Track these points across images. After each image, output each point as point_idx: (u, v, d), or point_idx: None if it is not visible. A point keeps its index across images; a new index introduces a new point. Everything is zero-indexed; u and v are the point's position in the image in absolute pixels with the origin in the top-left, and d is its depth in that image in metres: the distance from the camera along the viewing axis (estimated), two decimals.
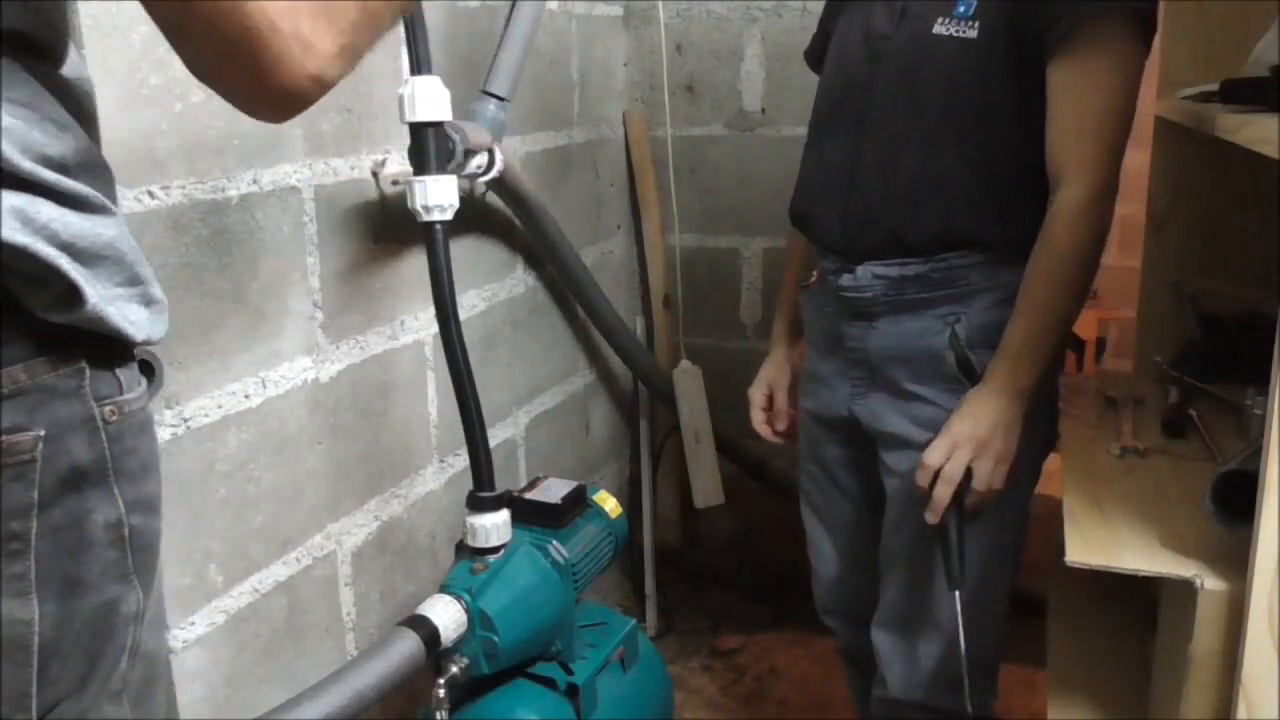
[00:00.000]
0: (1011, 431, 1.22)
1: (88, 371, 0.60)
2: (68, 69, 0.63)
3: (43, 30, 0.60)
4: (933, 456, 1.22)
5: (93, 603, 0.61)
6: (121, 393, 0.63)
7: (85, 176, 0.60)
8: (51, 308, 0.58)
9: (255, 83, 0.58)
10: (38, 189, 0.56)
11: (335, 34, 0.59)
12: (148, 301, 0.64)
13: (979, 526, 1.32)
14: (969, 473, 1.22)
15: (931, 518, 1.24)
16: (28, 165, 0.56)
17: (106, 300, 0.60)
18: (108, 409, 0.61)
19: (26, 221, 0.55)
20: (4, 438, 0.55)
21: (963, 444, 1.21)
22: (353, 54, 0.62)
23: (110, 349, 0.62)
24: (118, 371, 0.63)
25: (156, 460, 0.66)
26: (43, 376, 0.57)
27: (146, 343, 0.64)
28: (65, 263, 0.57)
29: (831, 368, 1.41)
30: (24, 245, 0.55)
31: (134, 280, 0.62)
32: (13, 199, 0.55)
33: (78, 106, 0.63)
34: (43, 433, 0.57)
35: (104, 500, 0.61)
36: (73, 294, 0.58)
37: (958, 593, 1.23)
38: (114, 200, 0.63)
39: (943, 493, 1.22)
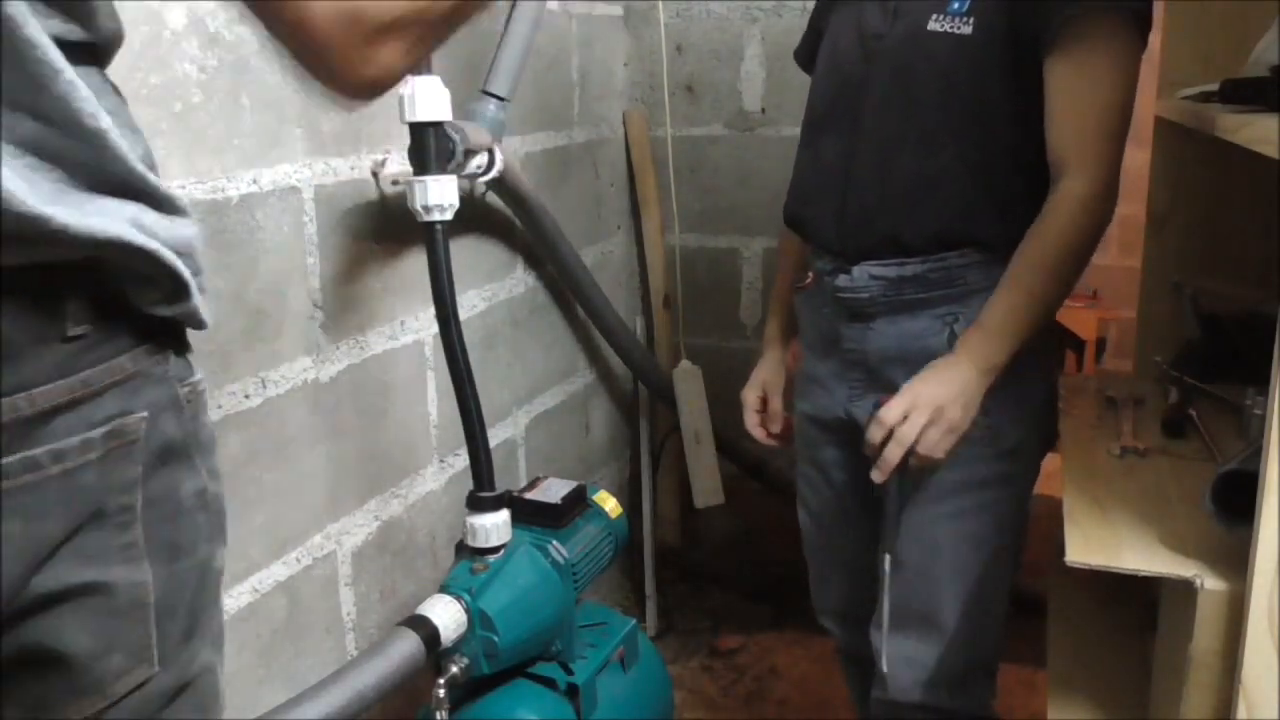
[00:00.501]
0: (969, 406, 1.23)
1: (172, 357, 0.67)
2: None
3: (105, 36, 0.64)
4: (889, 414, 1.23)
5: (191, 562, 0.68)
6: (193, 374, 0.69)
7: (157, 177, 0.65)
8: (159, 303, 0.64)
9: None
10: (143, 194, 0.62)
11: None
12: (203, 291, 0.69)
13: (982, 526, 1.32)
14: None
15: (878, 476, 1.25)
16: (140, 170, 0.61)
17: (199, 296, 0.67)
18: (185, 390, 0.67)
19: (141, 227, 0.61)
20: (117, 421, 0.61)
21: (920, 407, 1.21)
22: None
23: (182, 335, 0.69)
24: (188, 356, 0.70)
25: (213, 430, 0.73)
26: (142, 364, 0.64)
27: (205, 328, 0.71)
28: (180, 264, 0.63)
29: (828, 369, 1.41)
30: (152, 250, 0.61)
31: (200, 272, 0.68)
32: (127, 206, 0.61)
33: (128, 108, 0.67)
34: (146, 414, 0.63)
35: (189, 471, 0.67)
36: (181, 291, 0.64)
37: (888, 556, 1.27)
38: None
39: (894, 453, 1.23)
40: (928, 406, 1.21)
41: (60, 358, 0.59)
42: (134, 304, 0.63)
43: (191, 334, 0.71)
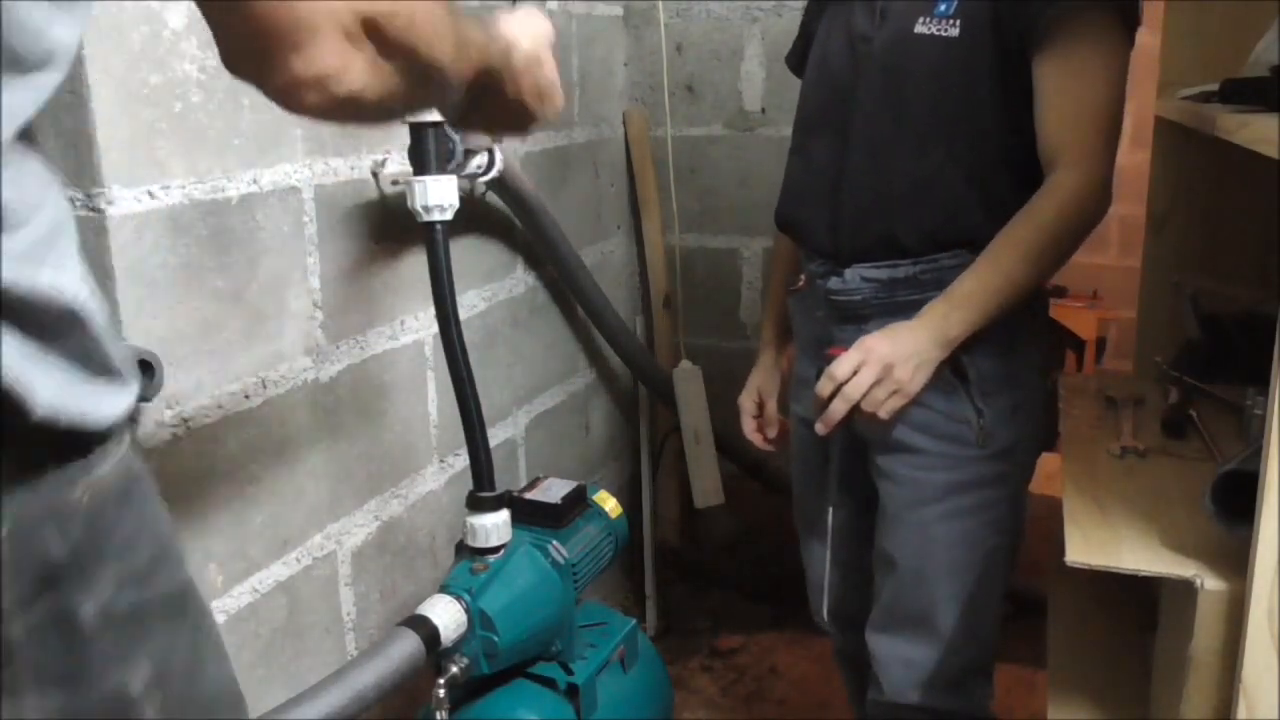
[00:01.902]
0: (920, 371, 1.22)
1: (56, 455, 0.53)
2: None
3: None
4: (840, 369, 1.23)
5: (95, 694, 0.56)
6: (100, 466, 0.55)
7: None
8: None
9: None
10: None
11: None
12: (110, 371, 0.56)
13: (977, 526, 1.32)
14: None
15: (822, 429, 1.26)
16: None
17: (60, 393, 0.52)
18: (77, 492, 0.54)
19: None
20: None
21: (871, 363, 1.21)
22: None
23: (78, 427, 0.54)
24: (103, 443, 0.56)
25: (148, 518, 0.60)
26: None
27: (111, 426, 0.56)
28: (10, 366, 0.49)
29: (817, 369, 1.41)
30: None
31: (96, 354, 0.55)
32: None
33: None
34: (7, 530, 0.50)
35: (88, 589, 0.55)
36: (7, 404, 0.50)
37: (831, 509, 1.31)
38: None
39: (838, 409, 1.23)
40: (877, 363, 1.21)
41: None
42: None
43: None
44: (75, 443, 0.54)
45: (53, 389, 0.51)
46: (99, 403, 0.55)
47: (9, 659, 0.51)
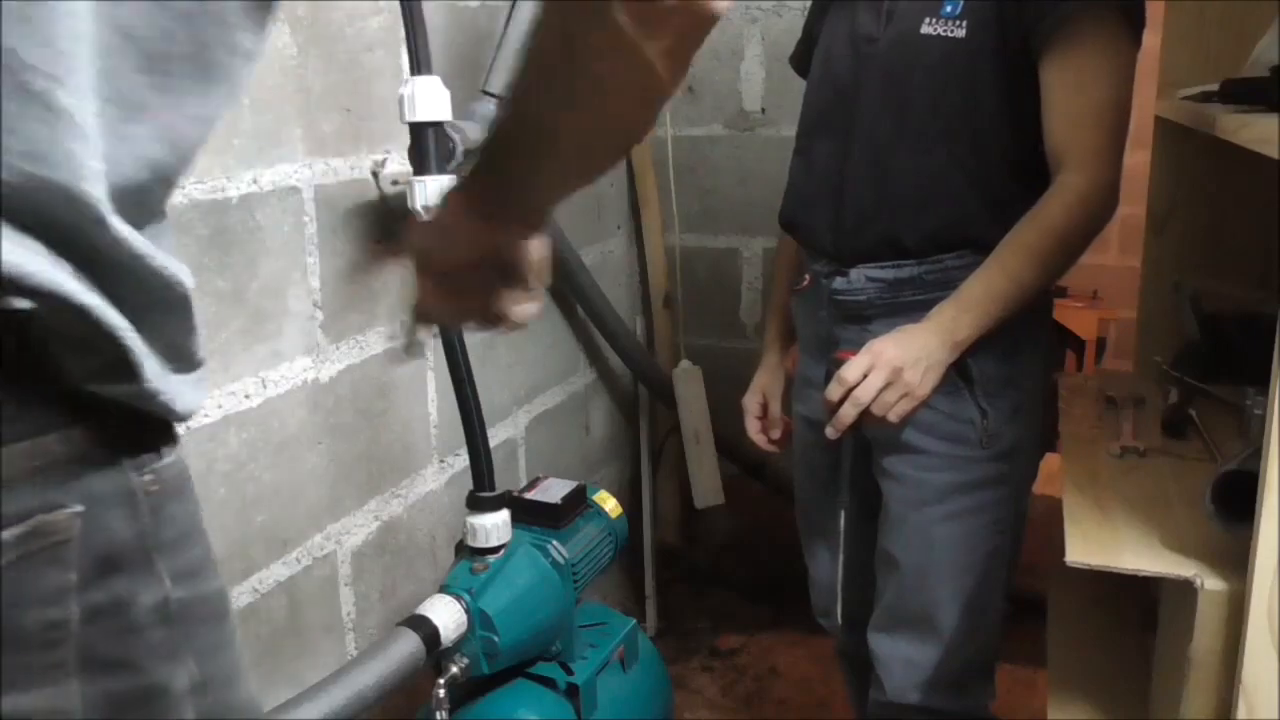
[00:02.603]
0: (930, 374, 1.22)
1: (127, 440, 0.54)
2: None
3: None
4: (850, 373, 1.22)
5: (141, 685, 0.56)
6: (160, 458, 0.56)
7: None
8: (96, 378, 0.51)
9: None
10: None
11: None
12: (189, 363, 0.57)
13: (980, 527, 1.32)
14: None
15: (832, 433, 1.25)
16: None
17: (160, 375, 0.54)
18: (145, 479, 0.55)
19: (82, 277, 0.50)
20: (37, 518, 0.49)
21: (881, 367, 1.21)
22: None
23: (147, 412, 0.56)
24: (161, 435, 0.57)
25: (197, 518, 0.61)
26: (78, 447, 0.51)
27: (185, 418, 0.58)
28: (127, 332, 0.51)
29: (825, 372, 1.41)
30: (86, 306, 0.49)
31: (183, 355, 0.56)
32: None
33: None
34: (80, 509, 0.51)
35: (148, 580, 0.55)
36: (123, 367, 0.52)
37: (843, 511, 1.32)
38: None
39: (848, 413, 1.23)
40: (886, 367, 1.21)
41: None
42: (62, 372, 0.50)
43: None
44: (153, 429, 0.56)
45: (155, 368, 0.54)
46: (184, 392, 0.56)
47: (62, 641, 0.51)
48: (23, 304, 0.47)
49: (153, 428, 0.56)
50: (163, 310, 0.54)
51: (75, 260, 0.49)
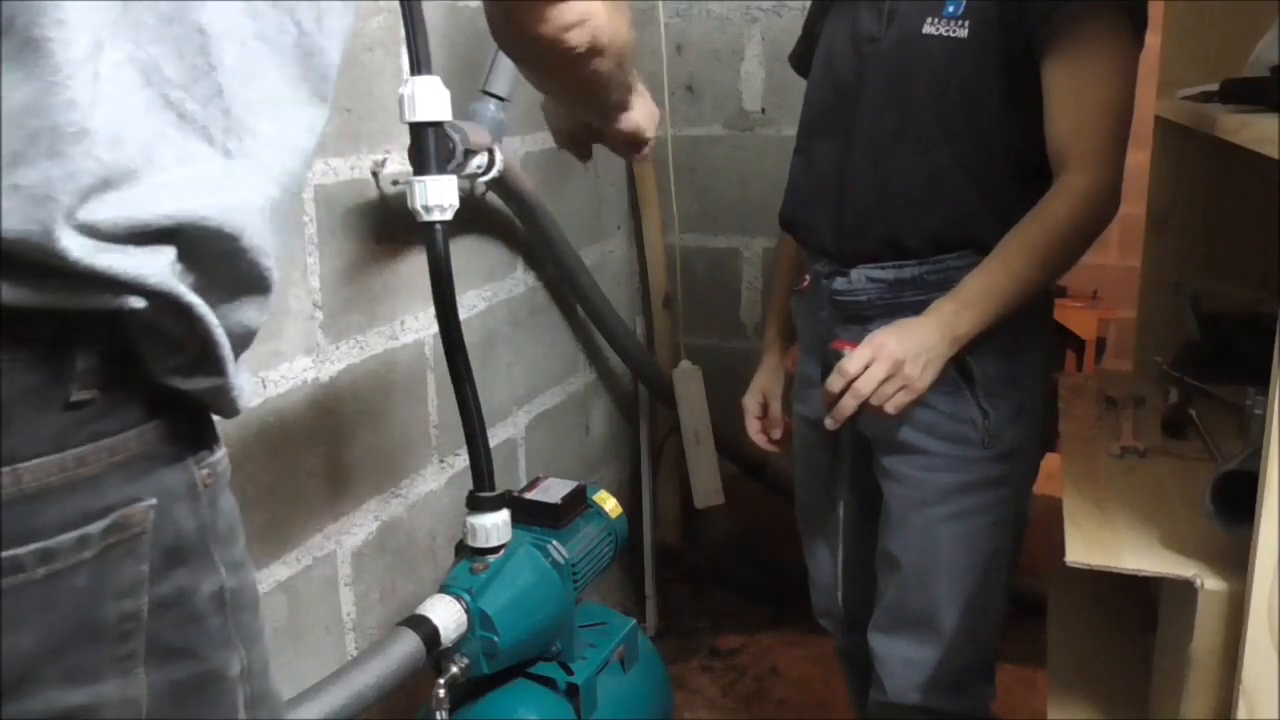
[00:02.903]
0: (929, 368, 1.22)
1: (188, 434, 0.57)
2: None
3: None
4: (852, 365, 1.22)
5: (201, 671, 0.58)
6: (213, 453, 0.59)
7: None
8: (178, 372, 0.54)
9: None
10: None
11: None
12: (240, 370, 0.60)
13: (981, 528, 1.32)
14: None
15: (831, 424, 1.25)
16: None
17: (236, 371, 0.57)
18: (203, 472, 0.58)
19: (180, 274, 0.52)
20: (120, 511, 0.51)
21: (882, 359, 1.21)
22: None
23: (203, 407, 0.59)
24: (211, 431, 0.60)
25: (238, 512, 0.63)
26: (151, 443, 0.54)
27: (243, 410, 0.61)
28: (218, 328, 0.54)
29: (823, 364, 1.41)
30: (187, 303, 0.52)
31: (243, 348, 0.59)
32: (166, 249, 0.51)
33: None
34: (154, 502, 0.53)
35: (208, 569, 0.58)
36: (210, 361, 0.54)
37: (841, 503, 1.34)
38: None
39: (849, 404, 1.22)
40: (888, 360, 1.21)
41: (57, 428, 0.49)
42: (150, 369, 0.53)
43: None
44: (208, 425, 0.59)
45: (233, 364, 0.57)
46: (246, 388, 0.59)
47: (135, 632, 0.53)
48: (138, 303, 0.50)
49: (206, 425, 0.59)
50: (247, 300, 0.57)
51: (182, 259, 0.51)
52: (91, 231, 0.47)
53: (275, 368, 1.32)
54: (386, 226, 1.52)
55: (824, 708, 2.12)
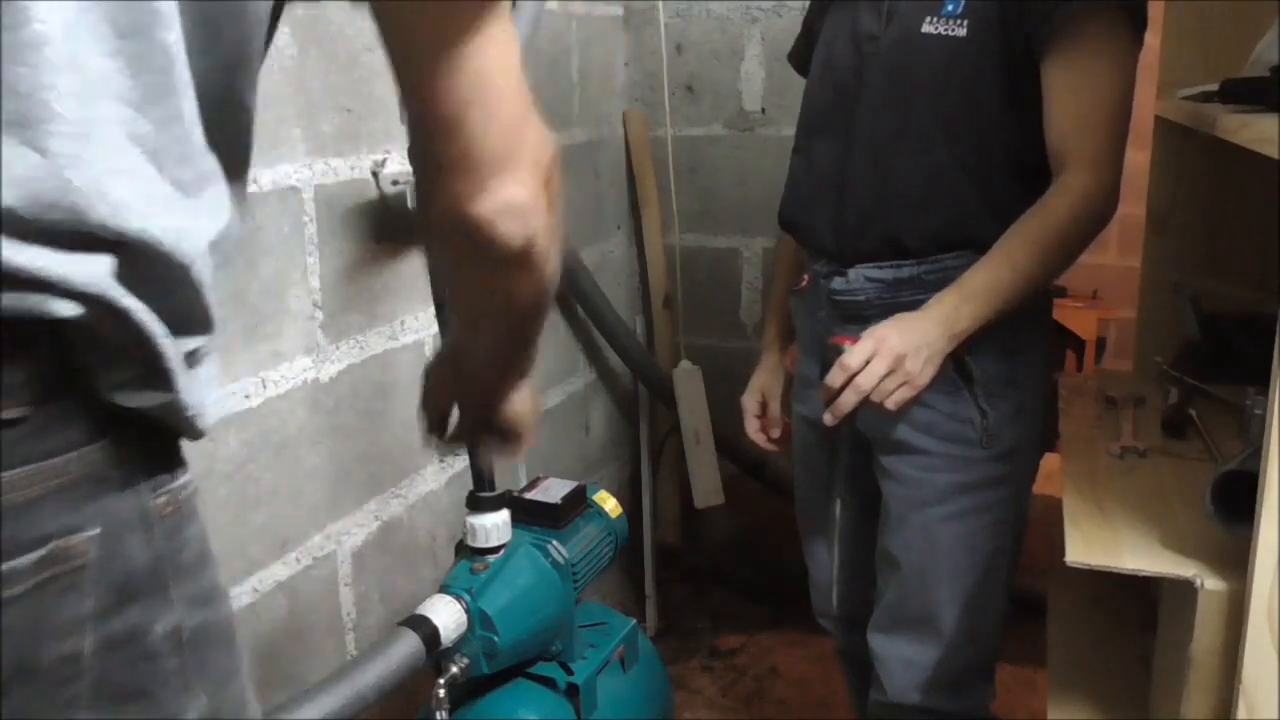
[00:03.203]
0: (930, 363, 1.22)
1: (141, 457, 0.51)
2: None
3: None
4: (853, 359, 1.22)
5: (154, 718, 0.53)
6: (175, 479, 0.54)
7: None
8: (125, 387, 0.49)
9: None
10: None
11: None
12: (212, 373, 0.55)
13: (980, 527, 1.32)
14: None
15: (830, 419, 1.26)
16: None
17: (189, 387, 0.52)
18: (160, 500, 0.52)
19: (124, 279, 0.48)
20: (56, 542, 0.46)
21: (883, 354, 1.21)
22: None
23: (163, 428, 0.54)
24: (172, 454, 0.55)
25: (207, 542, 0.58)
26: (95, 466, 0.48)
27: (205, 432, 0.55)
28: (161, 337, 0.49)
29: (823, 360, 1.41)
30: (125, 309, 0.47)
31: (198, 361, 0.53)
32: (102, 256, 0.46)
33: None
34: (98, 531, 0.48)
35: (162, 606, 0.52)
36: (156, 374, 0.49)
37: (839, 502, 1.33)
38: None
39: (849, 400, 1.23)
40: (889, 355, 1.21)
41: None
42: (95, 384, 0.48)
43: None
44: (167, 448, 0.54)
45: (185, 379, 0.52)
46: (207, 406, 0.54)
47: (76, 676, 0.48)
48: (69, 309, 0.45)
49: (166, 447, 0.54)
50: (188, 339, 0.53)
51: (116, 261, 0.47)
52: (13, 227, 0.43)
53: (275, 368, 1.32)
54: (386, 226, 1.51)
55: (824, 708, 2.12)
